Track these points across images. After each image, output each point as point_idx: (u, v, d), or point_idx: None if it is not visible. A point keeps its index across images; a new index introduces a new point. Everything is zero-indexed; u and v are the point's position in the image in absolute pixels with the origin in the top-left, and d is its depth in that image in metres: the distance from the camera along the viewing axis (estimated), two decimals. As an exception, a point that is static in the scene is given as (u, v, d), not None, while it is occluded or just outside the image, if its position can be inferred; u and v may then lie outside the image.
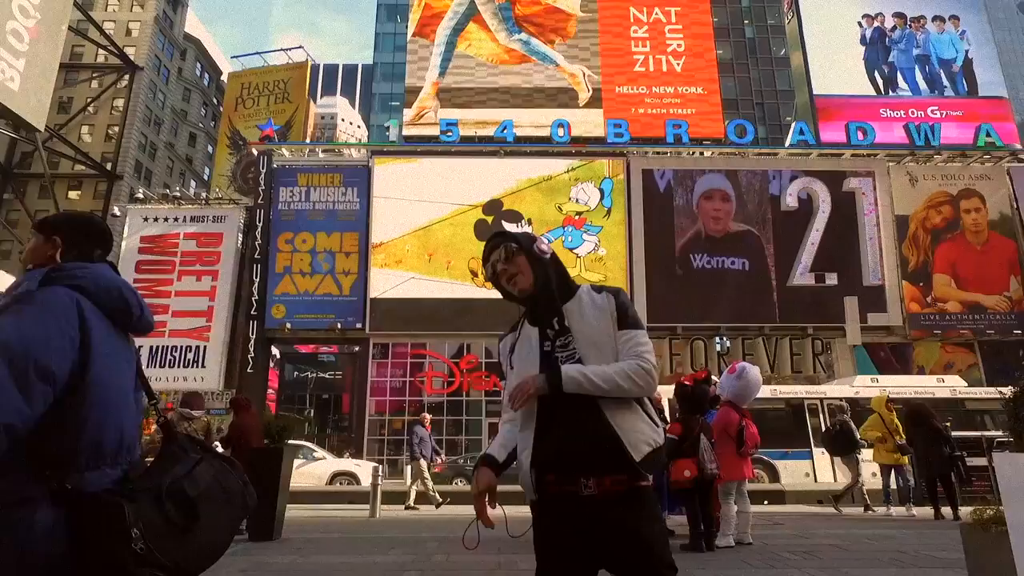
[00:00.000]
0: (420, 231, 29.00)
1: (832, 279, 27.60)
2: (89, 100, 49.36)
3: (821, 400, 16.31)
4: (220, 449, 7.81)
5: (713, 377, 7.66)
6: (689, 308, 27.03)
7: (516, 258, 2.12)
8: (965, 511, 8.15)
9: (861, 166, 29.44)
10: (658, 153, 30.14)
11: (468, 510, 1.99)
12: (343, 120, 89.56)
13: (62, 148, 45.80)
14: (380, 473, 11.04)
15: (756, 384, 7.26)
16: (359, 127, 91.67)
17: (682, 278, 27.76)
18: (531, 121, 32.31)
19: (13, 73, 36.07)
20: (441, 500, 11.82)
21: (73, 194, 47.82)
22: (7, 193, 45.19)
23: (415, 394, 28.22)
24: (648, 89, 34.32)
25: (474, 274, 28.42)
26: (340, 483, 15.88)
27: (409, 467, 12.61)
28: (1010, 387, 3.88)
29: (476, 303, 27.21)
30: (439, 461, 16.60)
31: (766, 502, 12.59)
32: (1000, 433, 11.14)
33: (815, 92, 33.27)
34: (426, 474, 11.89)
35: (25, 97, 37.36)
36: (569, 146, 29.99)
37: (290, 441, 7.16)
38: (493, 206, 29.02)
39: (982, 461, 10.73)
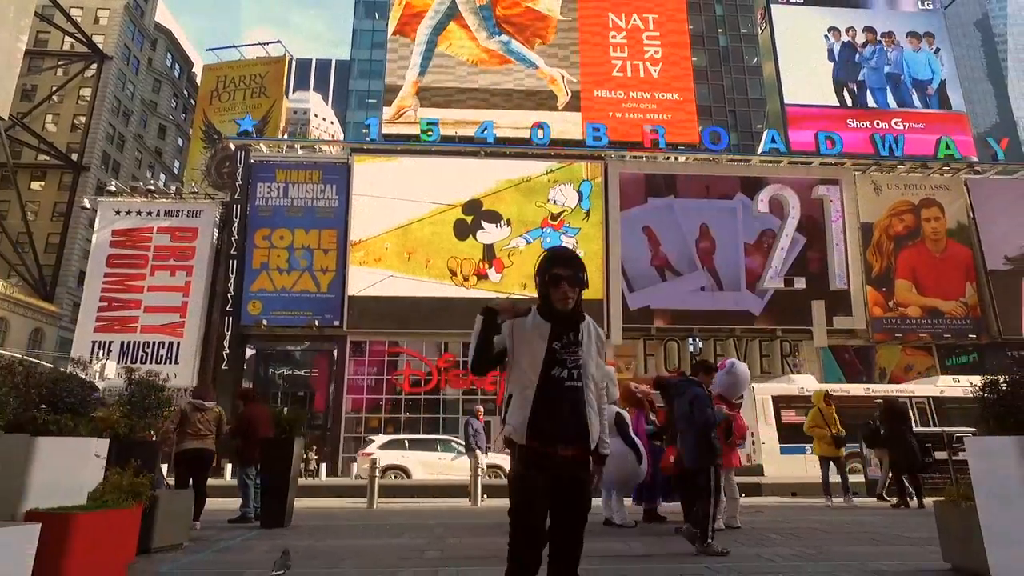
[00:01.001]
0: (399, 229, 29.07)
1: (800, 283, 28.61)
2: (55, 88, 48.02)
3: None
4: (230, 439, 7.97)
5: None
6: (665, 309, 27.74)
7: (570, 286, 2.79)
8: (928, 500, 8.75)
9: (829, 174, 30.58)
10: (635, 157, 30.80)
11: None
12: (316, 116, 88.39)
13: (25, 137, 44.47)
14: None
15: (745, 379, 7.71)
16: (332, 123, 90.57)
17: (658, 279, 28.45)
18: (511, 122, 32.61)
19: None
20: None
21: (36, 184, 46.45)
22: (-34, 182, 43.63)
23: (391, 392, 28.31)
24: (626, 94, 34.96)
25: (452, 273, 28.65)
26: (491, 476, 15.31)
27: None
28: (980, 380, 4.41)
29: (455, 302, 27.46)
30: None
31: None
32: (961, 429, 11.87)
33: (785, 101, 34.26)
34: (483, 465, 11.80)
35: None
36: (548, 148, 30.46)
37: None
38: (472, 206, 29.29)
39: (943, 455, 11.42)
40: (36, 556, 3.36)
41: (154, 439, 6.30)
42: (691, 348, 27.84)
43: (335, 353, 28.50)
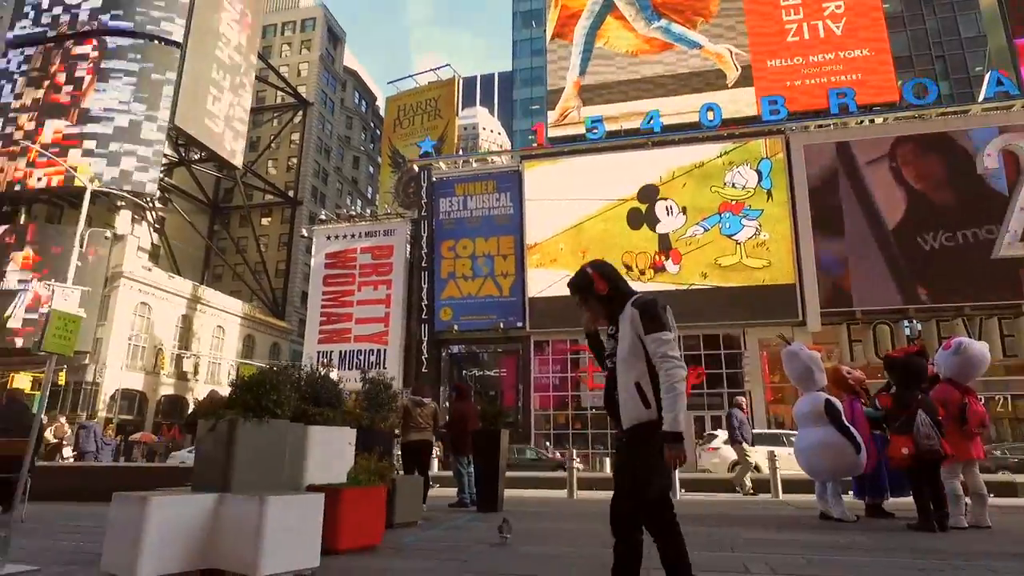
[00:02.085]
0: (572, 229, 29.59)
1: (1049, 247, 23.99)
2: (272, 137, 56.30)
3: None
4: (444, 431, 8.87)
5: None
6: (874, 290, 24.89)
7: (584, 302, 3.24)
8: None
9: (1080, 114, 25.26)
10: (821, 127, 28.11)
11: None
12: (484, 129, 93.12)
13: (254, 181, 52.71)
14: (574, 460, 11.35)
15: (979, 360, 6.77)
16: (500, 134, 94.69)
17: (871, 258, 25.45)
18: (678, 108, 31.59)
19: (218, 122, 42.24)
20: (752, 489, 11.29)
21: (265, 220, 54.79)
22: (216, 224, 52.89)
23: (576, 389, 28.90)
24: (804, 59, 32.04)
25: (628, 268, 28.44)
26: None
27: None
28: None
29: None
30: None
31: None
32: None
33: (1013, 34, 28.90)
34: (749, 458, 11.76)
35: (226, 141, 43.62)
36: (721, 129, 28.98)
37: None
38: (647, 192, 28.76)
39: None
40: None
41: (395, 430, 7.25)
42: (907, 332, 24.67)
43: (520, 353, 29.85)
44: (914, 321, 24.77)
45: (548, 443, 27.51)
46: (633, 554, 2.98)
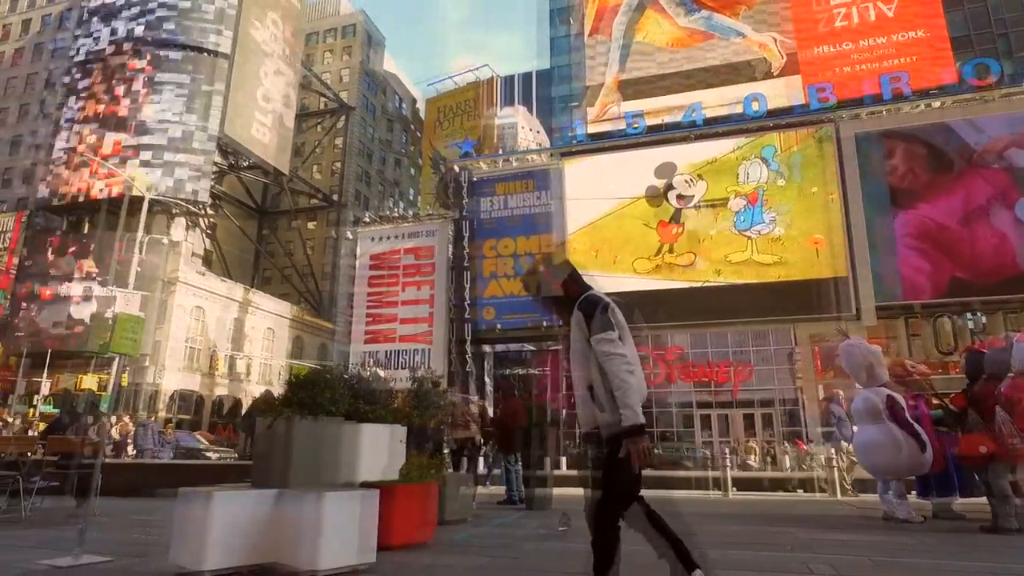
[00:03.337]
0: (607, 227, 29.39)
1: None
2: (316, 142, 57.58)
3: None
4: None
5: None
6: (934, 281, 23.85)
7: (543, 303, 3.32)
8: None
9: None
10: (873, 113, 27.06)
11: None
12: (523, 128, 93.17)
13: (300, 186, 54.02)
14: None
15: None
16: (538, 132, 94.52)
17: (930, 248, 24.40)
18: (720, 99, 30.85)
19: (265, 130, 43.47)
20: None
21: (311, 224, 56.09)
22: (264, 229, 54.44)
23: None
24: (854, 44, 30.85)
25: (657, 265, 28.29)
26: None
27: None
28: None
29: (670, 294, 27.05)
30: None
31: None
32: None
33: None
34: (841, 458, 11.20)
35: (273, 148, 44.85)
36: (766, 119, 28.25)
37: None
38: (665, 169, 28.69)
39: None
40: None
41: (442, 428, 7.32)
42: (971, 325, 23.53)
43: (559, 352, 29.70)
44: (978, 313, 23.59)
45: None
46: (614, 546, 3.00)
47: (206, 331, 37.64)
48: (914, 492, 7.46)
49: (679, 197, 28.57)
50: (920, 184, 25.35)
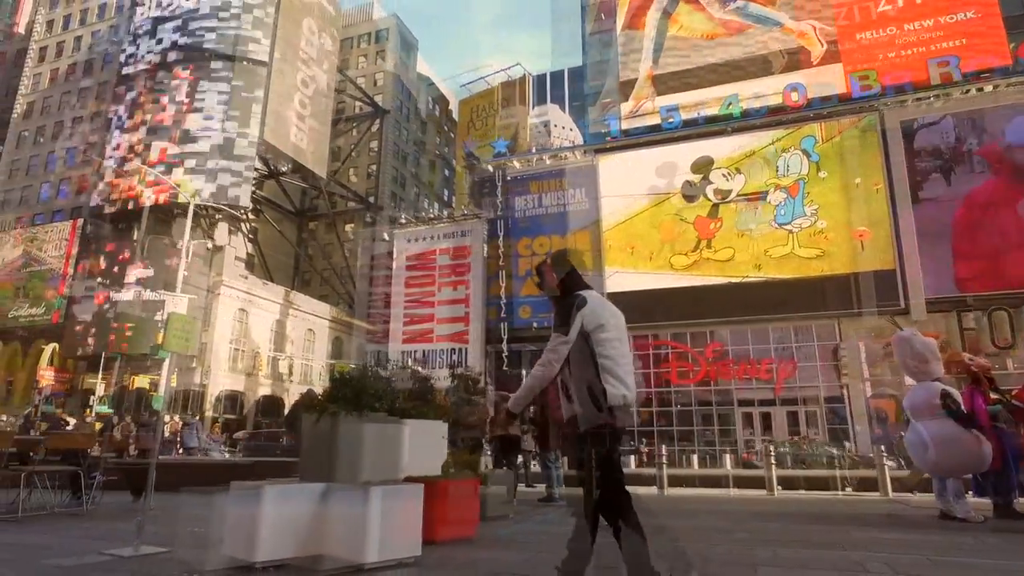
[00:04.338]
0: (647, 222, 29.07)
1: None
2: (352, 146, 58.50)
3: None
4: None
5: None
6: (990, 273, 22.90)
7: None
8: None
9: None
10: (920, 100, 26.12)
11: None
12: (556, 126, 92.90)
13: (337, 190, 54.97)
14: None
15: None
16: (572, 130, 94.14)
17: (984, 239, 23.43)
18: (758, 90, 30.19)
19: (303, 135, 44.40)
20: None
21: (348, 226, 57.00)
22: (304, 232, 55.59)
23: (660, 385, 28.27)
24: (899, 28, 29.78)
25: (695, 261, 27.92)
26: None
27: None
28: None
29: (709, 290, 26.64)
30: None
31: None
32: None
33: None
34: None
35: (311, 152, 45.76)
36: (807, 110, 27.57)
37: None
38: (702, 164, 28.27)
39: None
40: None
41: (481, 425, 7.35)
42: (1029, 318, 22.50)
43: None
44: (1037, 306, 22.54)
45: (632, 441, 27.06)
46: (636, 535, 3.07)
47: (249, 333, 38.64)
48: (970, 492, 7.18)
49: (716, 191, 28.15)
50: (972, 171, 24.37)
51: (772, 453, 10.87)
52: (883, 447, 11.01)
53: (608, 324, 3.05)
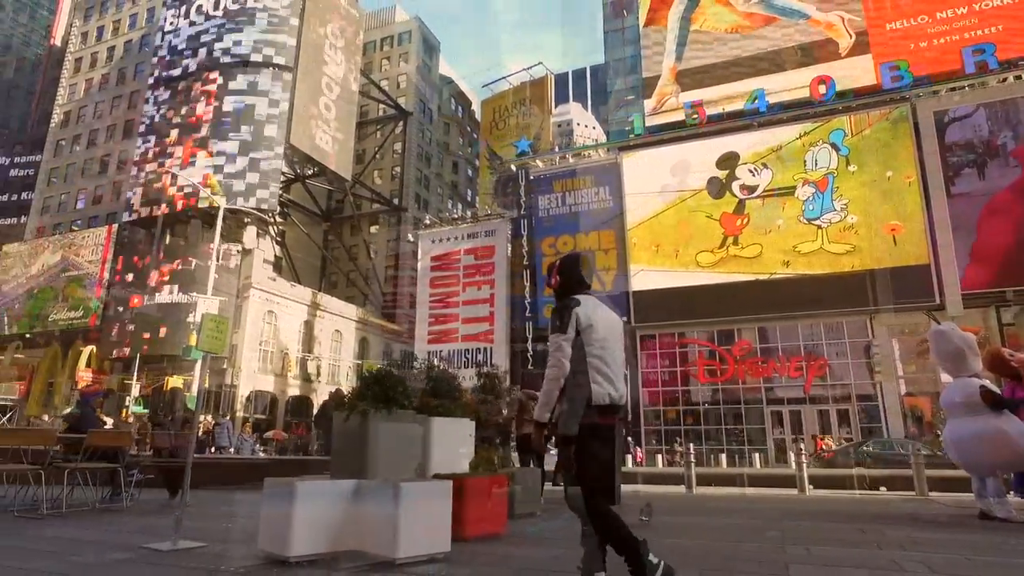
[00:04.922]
0: (672, 220, 28.83)
1: None
2: (376, 148, 59.02)
3: None
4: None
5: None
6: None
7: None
8: None
9: None
10: (953, 89, 25.46)
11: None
12: (579, 124, 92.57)
13: (362, 192, 55.50)
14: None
15: None
16: (595, 128, 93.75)
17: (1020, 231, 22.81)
18: (786, 84, 29.73)
19: (327, 138, 44.97)
20: None
21: (373, 228, 57.54)
22: (330, 234, 56.27)
23: (686, 383, 28.02)
24: (930, 16, 29.07)
25: (721, 258, 27.59)
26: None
27: None
28: None
29: (736, 287, 26.29)
30: None
31: None
32: None
33: None
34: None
35: (336, 155, 46.30)
36: (836, 103, 27.07)
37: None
38: (728, 160, 27.91)
39: None
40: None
41: (509, 422, 7.38)
42: (1070, 312, 21.79)
43: (626, 348, 29.34)
44: (1080, 300, 21.82)
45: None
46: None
47: (277, 334, 39.25)
48: (1011, 492, 6.98)
49: (743, 187, 27.82)
50: (1006, 165, 23.66)
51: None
52: (919, 446, 10.78)
53: (597, 325, 3.09)
